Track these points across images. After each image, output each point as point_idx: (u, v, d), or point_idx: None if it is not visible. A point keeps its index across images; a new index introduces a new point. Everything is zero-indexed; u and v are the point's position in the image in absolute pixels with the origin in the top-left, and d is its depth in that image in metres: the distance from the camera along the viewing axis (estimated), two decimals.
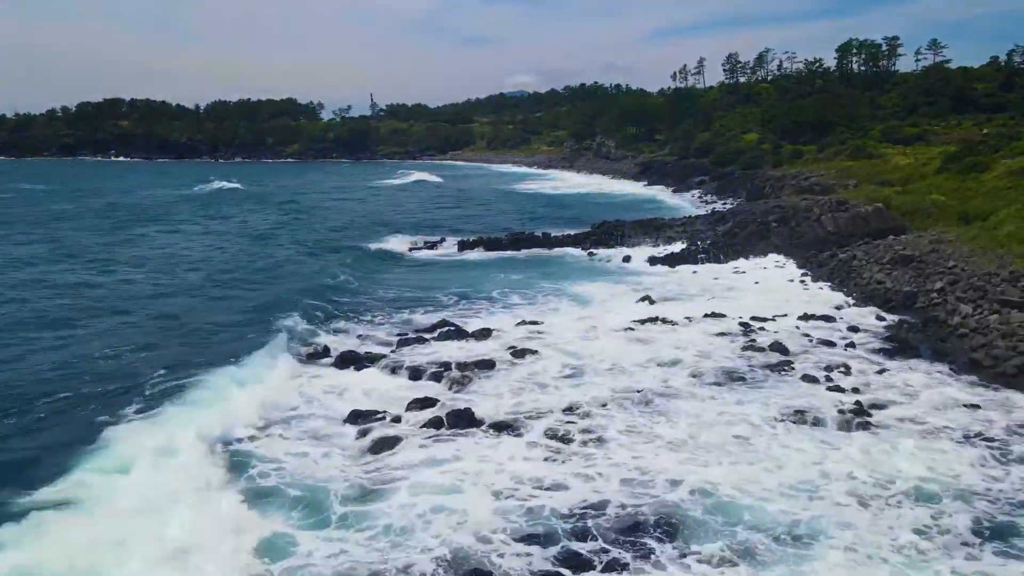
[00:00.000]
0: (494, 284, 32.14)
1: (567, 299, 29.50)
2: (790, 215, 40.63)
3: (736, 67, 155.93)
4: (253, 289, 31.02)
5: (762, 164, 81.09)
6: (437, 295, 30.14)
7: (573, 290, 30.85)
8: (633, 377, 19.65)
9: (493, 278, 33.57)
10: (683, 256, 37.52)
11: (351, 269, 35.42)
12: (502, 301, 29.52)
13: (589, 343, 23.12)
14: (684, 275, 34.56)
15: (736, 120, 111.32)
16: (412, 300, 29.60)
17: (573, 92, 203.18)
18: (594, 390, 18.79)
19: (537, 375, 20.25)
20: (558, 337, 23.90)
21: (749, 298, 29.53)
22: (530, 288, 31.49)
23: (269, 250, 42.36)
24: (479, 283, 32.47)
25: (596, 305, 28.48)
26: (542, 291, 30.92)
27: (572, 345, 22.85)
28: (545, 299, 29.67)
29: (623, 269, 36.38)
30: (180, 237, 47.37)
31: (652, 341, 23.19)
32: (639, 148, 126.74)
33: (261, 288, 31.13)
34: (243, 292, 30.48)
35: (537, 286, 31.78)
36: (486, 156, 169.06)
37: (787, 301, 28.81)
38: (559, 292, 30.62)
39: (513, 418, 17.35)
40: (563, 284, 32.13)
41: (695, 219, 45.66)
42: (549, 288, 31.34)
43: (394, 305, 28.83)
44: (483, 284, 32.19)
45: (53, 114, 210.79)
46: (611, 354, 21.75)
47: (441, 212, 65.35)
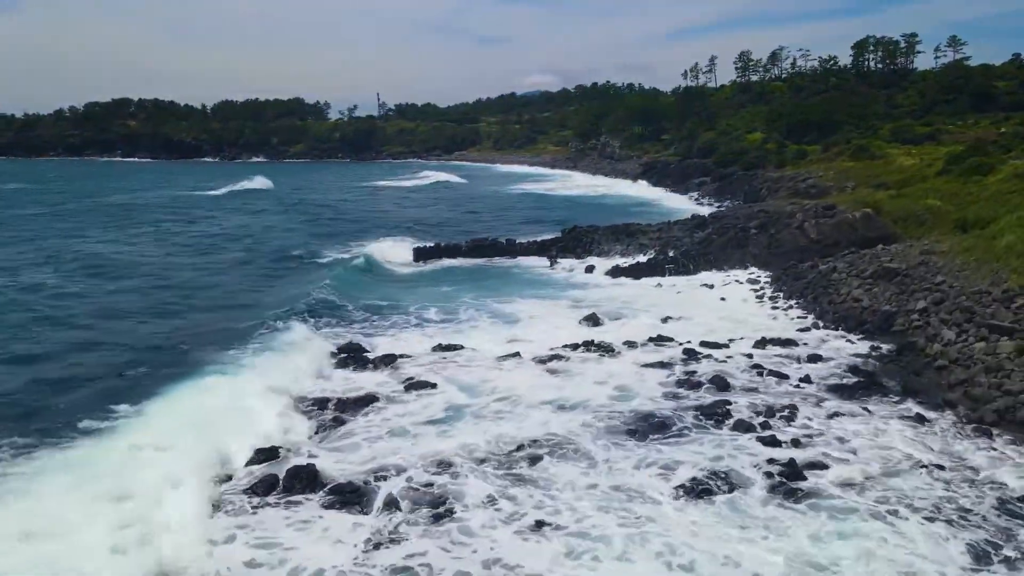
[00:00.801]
0: (425, 298, 28.88)
1: (502, 320, 26.15)
2: (771, 221, 36.99)
3: (748, 65, 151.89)
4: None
5: (765, 164, 77.32)
6: (351, 309, 26.94)
7: (512, 308, 27.46)
8: (525, 423, 16.26)
9: (428, 291, 30.31)
10: (650, 267, 34.02)
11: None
12: (427, 318, 26.24)
13: (501, 374, 19.81)
14: (645, 289, 31.10)
15: (743, 119, 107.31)
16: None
17: (583, 91, 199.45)
18: (474, 438, 15.46)
19: (416, 415, 16.96)
20: (469, 365, 20.61)
21: (708, 317, 26.06)
22: (464, 304, 28.19)
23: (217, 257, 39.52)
24: (406, 296, 29.21)
25: (532, 326, 25.11)
26: (478, 308, 27.59)
27: (477, 375, 19.55)
28: (476, 317, 26.35)
29: (580, 282, 32.94)
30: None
31: (572, 373, 19.80)
32: (644, 148, 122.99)
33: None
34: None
35: (474, 302, 28.46)
36: (491, 156, 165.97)
37: (748, 321, 25.34)
38: (496, 310, 27.26)
39: (363, 479, 14.06)
40: (505, 300, 28.77)
41: (673, 224, 42.12)
42: (487, 305, 28.01)
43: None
44: (410, 297, 28.92)
45: (60, 114, 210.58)
46: (518, 389, 18.41)
47: (424, 212, 62.27)
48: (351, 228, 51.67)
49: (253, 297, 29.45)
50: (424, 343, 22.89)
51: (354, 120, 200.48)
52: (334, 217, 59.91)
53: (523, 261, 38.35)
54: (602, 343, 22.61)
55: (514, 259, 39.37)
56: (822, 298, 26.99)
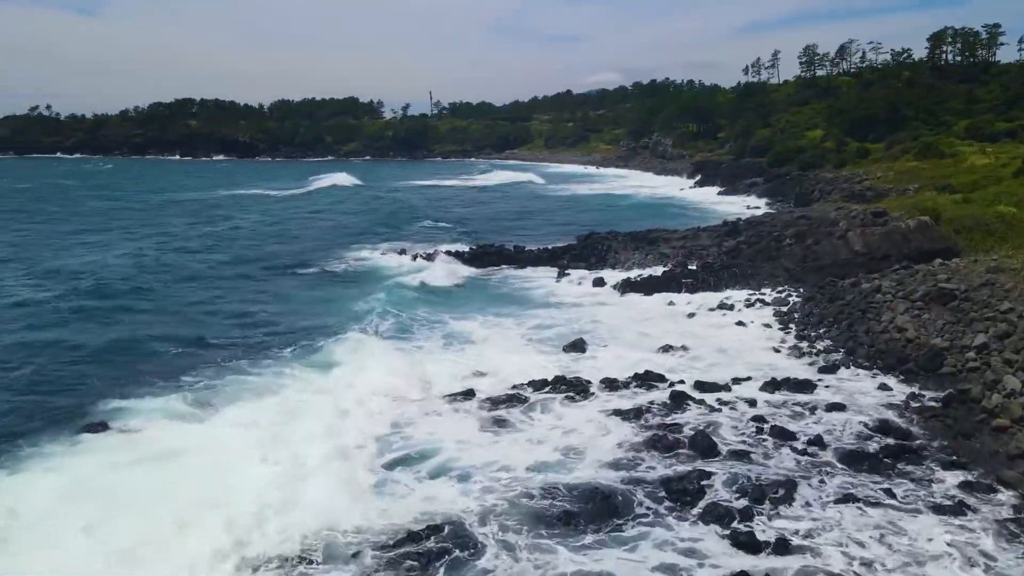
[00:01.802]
0: (384, 315, 25.28)
1: (472, 344, 22.39)
2: (811, 229, 32.20)
3: (814, 60, 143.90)
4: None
5: (823, 164, 71.45)
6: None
7: (487, 332, 23.62)
8: (415, 502, 12.46)
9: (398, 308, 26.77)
10: (665, 281, 29.71)
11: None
12: (384, 335, 22.70)
13: (429, 421, 16.10)
14: (653, 308, 26.87)
15: (802, 116, 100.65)
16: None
17: (640, 88, 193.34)
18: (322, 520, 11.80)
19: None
20: (401, 407, 16.95)
21: (716, 348, 21.77)
22: (436, 323, 24.58)
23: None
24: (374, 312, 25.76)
25: (506, 353, 21.25)
26: (448, 329, 23.93)
27: (404, 418, 15.88)
28: (442, 340, 22.66)
29: (582, 299, 28.85)
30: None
31: (518, 426, 15.92)
32: (697, 147, 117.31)
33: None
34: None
35: (446, 321, 24.80)
36: (542, 155, 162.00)
37: (763, 355, 21.00)
38: (468, 333, 23.53)
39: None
40: (485, 319, 25.04)
41: (701, 231, 37.55)
42: (460, 326, 24.32)
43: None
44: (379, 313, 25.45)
45: (126, 114, 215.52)
46: (439, 444, 14.68)
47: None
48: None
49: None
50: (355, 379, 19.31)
51: (407, 119, 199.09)
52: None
53: (530, 271, 34.44)
54: (577, 379, 18.69)
55: (522, 269, 35.45)
56: (859, 326, 22.33)
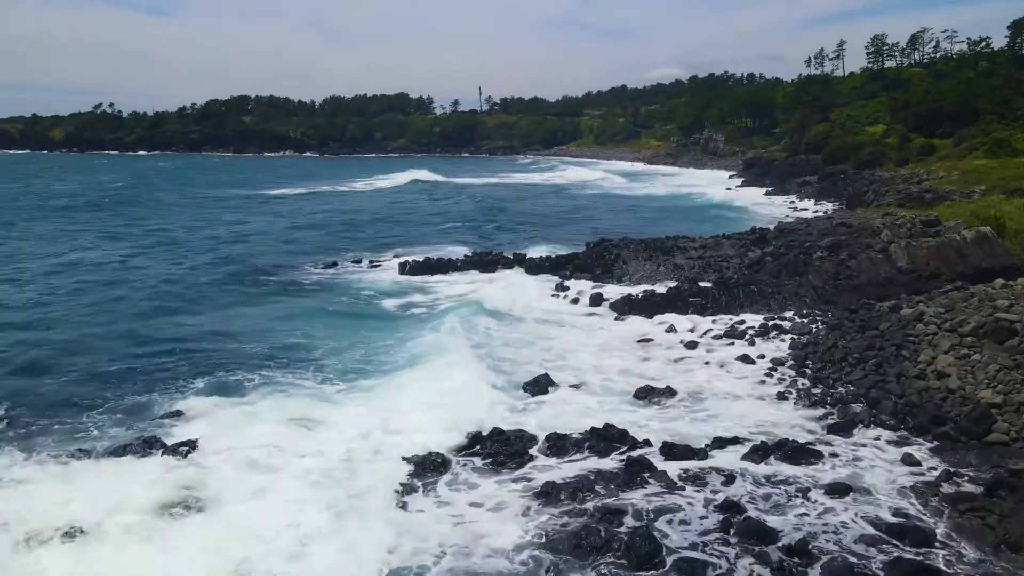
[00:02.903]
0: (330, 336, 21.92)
1: (394, 384, 18.90)
2: (848, 240, 27.65)
3: (882, 50, 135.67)
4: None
5: (883, 162, 65.57)
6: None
7: (428, 369, 20.02)
8: None
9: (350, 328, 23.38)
10: (670, 300, 25.65)
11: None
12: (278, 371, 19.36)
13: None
14: (648, 332, 22.91)
15: (864, 109, 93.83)
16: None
17: (696, 82, 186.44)
18: None
19: None
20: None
21: (709, 391, 17.81)
22: (378, 347, 21.18)
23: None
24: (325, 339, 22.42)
25: (444, 394, 17.68)
26: (386, 362, 20.51)
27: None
28: (362, 385, 19.19)
29: (572, 318, 25.06)
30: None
31: (406, 508, 12.34)
32: (752, 143, 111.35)
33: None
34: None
35: (390, 348, 21.39)
36: (591, 151, 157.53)
37: (761, 406, 16.94)
38: (407, 360, 20.08)
39: None
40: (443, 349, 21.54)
41: (724, 239, 33.20)
42: (403, 350, 20.87)
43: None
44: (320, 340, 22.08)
45: (183, 111, 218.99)
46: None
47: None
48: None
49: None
50: (254, 420, 16.02)
51: (455, 115, 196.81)
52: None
53: (519, 282, 30.80)
54: (519, 434, 15.10)
55: (525, 275, 31.98)
56: (890, 366, 18.00)
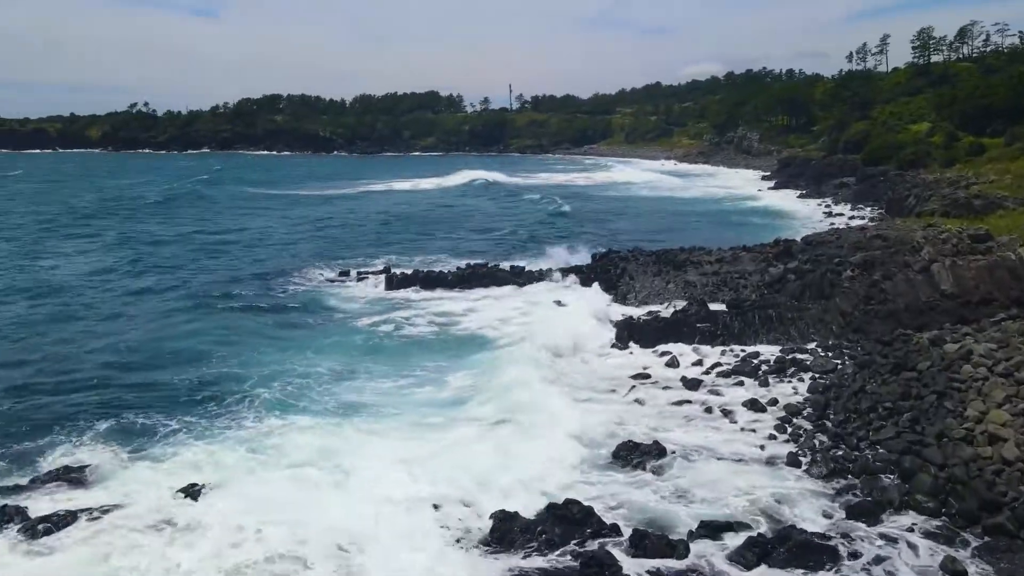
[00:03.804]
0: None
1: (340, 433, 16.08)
2: (883, 256, 24.16)
3: (928, 44, 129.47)
4: None
5: (927, 162, 61.23)
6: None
7: (374, 399, 17.26)
8: None
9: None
10: (673, 326, 22.45)
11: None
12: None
13: None
14: (646, 373, 19.80)
15: (908, 106, 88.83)
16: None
17: (732, 79, 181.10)
18: None
19: None
20: None
21: (704, 453, 14.70)
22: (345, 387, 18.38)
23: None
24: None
25: (369, 460, 14.81)
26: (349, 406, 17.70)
27: None
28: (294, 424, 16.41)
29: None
30: None
31: None
32: (788, 141, 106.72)
33: None
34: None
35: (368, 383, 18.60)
36: (621, 150, 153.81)
37: (770, 472, 13.80)
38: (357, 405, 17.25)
39: None
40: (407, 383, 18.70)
41: (744, 252, 29.73)
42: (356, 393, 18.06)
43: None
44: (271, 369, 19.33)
45: (216, 110, 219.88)
46: None
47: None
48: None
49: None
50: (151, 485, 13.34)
51: (483, 113, 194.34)
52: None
53: (510, 298, 27.89)
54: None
55: (521, 290, 29.12)
56: (928, 422, 14.70)
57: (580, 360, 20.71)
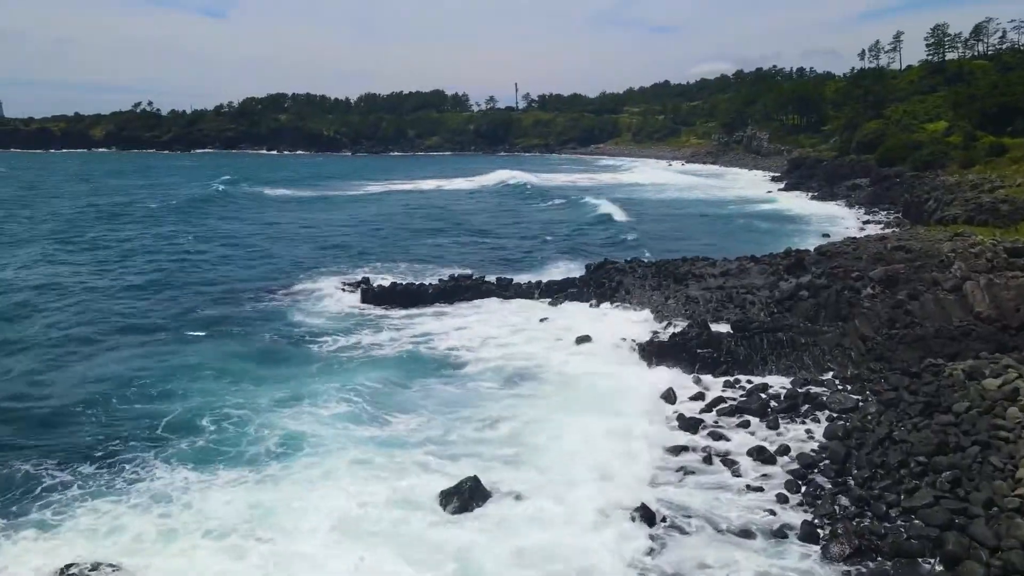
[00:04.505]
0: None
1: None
2: (908, 271, 21.54)
3: (943, 41, 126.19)
4: None
5: (945, 163, 58.40)
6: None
7: (324, 431, 14.80)
8: None
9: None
10: (671, 350, 19.90)
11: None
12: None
13: None
14: (638, 403, 17.29)
15: (923, 105, 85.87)
16: None
17: (741, 78, 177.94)
18: None
19: None
20: None
21: (699, 520, 12.20)
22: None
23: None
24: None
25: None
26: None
27: None
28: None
29: (546, 372, 19.56)
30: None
31: None
32: (798, 141, 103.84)
33: None
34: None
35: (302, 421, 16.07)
36: (628, 149, 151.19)
37: (778, 553, 11.28)
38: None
39: None
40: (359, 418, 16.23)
41: (753, 263, 27.15)
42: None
43: None
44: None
45: (219, 109, 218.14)
46: None
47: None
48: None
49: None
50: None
51: (489, 112, 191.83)
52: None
53: (497, 313, 25.40)
54: None
55: (506, 305, 26.64)
56: (973, 485, 12.13)
57: (579, 385, 18.19)
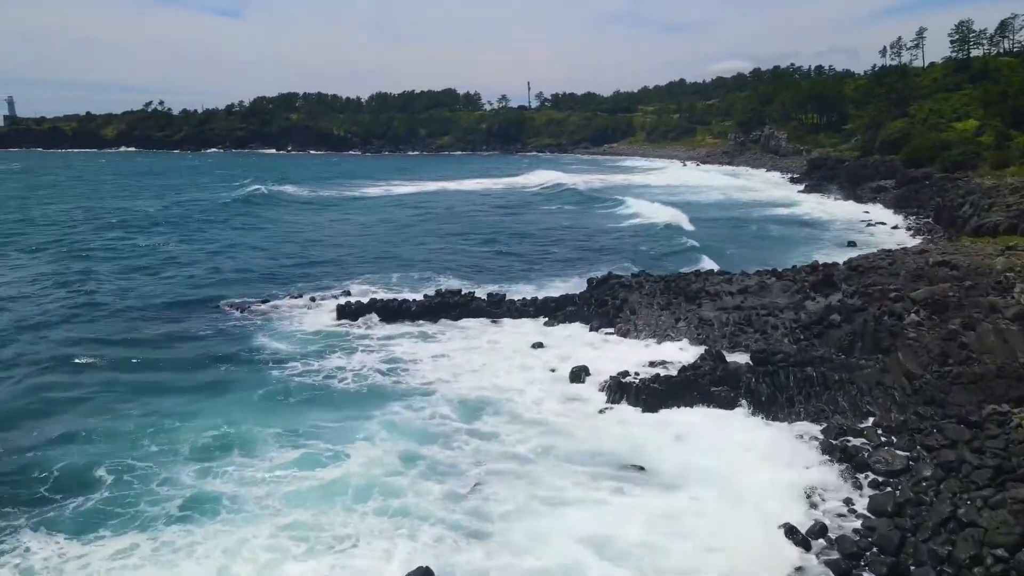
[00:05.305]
0: None
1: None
2: (957, 293, 18.47)
3: (968, 38, 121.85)
4: None
5: (976, 164, 54.96)
6: None
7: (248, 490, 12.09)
8: None
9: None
10: (679, 388, 16.98)
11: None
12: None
13: None
14: (639, 446, 14.42)
15: (950, 103, 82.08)
16: None
17: (758, 76, 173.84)
18: None
19: None
20: None
21: None
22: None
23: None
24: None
25: None
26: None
27: None
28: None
29: (532, 411, 16.70)
30: None
31: None
32: (818, 140, 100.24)
33: None
34: None
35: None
36: (643, 149, 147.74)
37: None
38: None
39: None
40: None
41: (774, 279, 24.10)
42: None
43: None
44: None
45: (231, 108, 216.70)
46: None
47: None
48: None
49: None
50: None
51: (501, 111, 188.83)
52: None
53: (493, 336, 22.58)
54: None
55: (497, 326, 23.83)
56: None
57: (571, 431, 15.33)
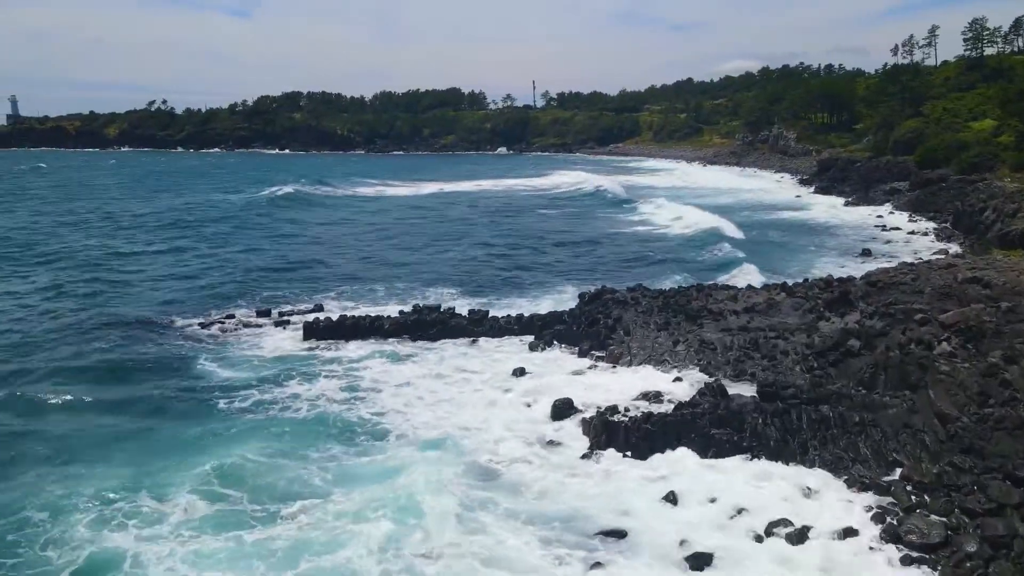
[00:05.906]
0: None
1: None
2: (991, 317, 16.12)
3: (981, 36, 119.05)
4: None
5: (996, 166, 52.52)
6: None
7: None
8: None
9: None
10: (674, 427, 14.73)
11: None
12: None
13: None
14: (620, 530, 12.19)
15: (965, 102, 79.45)
16: None
17: (767, 75, 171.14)
18: None
19: None
20: None
21: None
22: None
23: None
24: None
25: None
26: None
27: None
28: None
29: (497, 464, 14.47)
30: None
31: None
32: (828, 140, 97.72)
33: None
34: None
35: None
36: (648, 149, 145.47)
37: None
38: None
39: None
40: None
41: (783, 296, 21.81)
42: None
43: None
44: None
45: (234, 108, 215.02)
46: None
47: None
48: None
49: None
50: None
51: (506, 110, 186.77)
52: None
53: (470, 359, 20.33)
54: None
55: (475, 348, 21.60)
56: None
57: (525, 488, 13.10)
